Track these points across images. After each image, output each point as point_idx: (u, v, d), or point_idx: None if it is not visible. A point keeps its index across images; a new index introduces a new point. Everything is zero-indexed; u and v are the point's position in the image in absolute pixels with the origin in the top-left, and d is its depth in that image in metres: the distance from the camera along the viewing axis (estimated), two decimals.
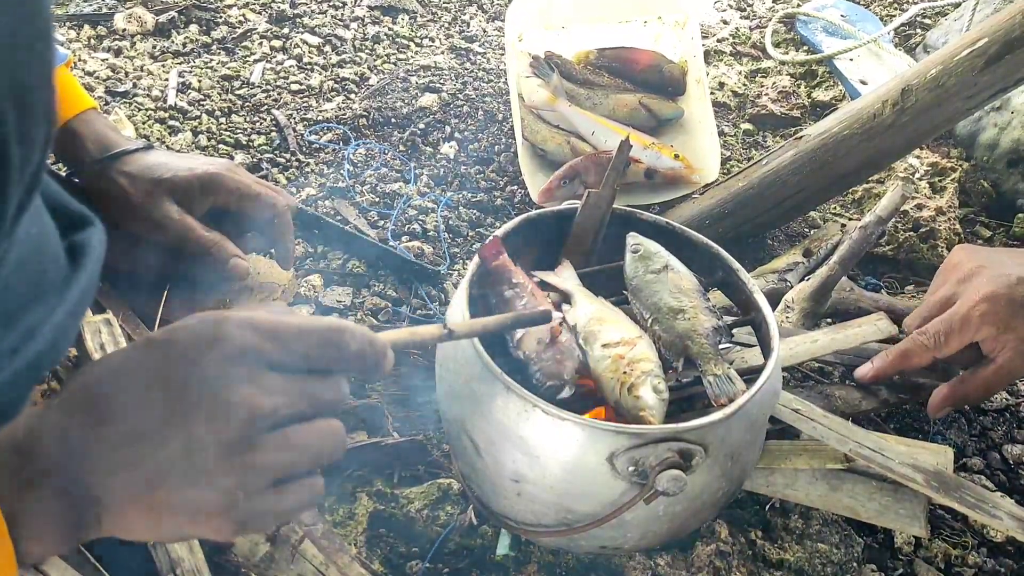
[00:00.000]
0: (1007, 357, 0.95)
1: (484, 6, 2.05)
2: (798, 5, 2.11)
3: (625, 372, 0.79)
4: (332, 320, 0.58)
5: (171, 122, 1.50)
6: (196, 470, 0.51)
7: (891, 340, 1.11)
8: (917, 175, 1.56)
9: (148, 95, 1.55)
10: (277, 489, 0.54)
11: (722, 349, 0.86)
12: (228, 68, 1.68)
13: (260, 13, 1.87)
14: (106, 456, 0.51)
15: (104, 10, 1.77)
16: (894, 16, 2.08)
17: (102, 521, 0.52)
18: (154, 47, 1.71)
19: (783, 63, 1.92)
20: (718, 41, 1.99)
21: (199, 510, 0.52)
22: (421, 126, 1.58)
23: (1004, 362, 0.96)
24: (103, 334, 0.93)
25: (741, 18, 2.10)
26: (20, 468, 0.51)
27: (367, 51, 1.81)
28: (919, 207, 1.47)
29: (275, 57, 1.74)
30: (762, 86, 1.84)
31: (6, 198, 0.47)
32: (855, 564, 0.93)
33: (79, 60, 1.63)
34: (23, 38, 0.46)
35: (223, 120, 1.54)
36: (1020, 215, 1.51)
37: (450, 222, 1.40)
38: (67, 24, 1.73)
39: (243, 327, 0.53)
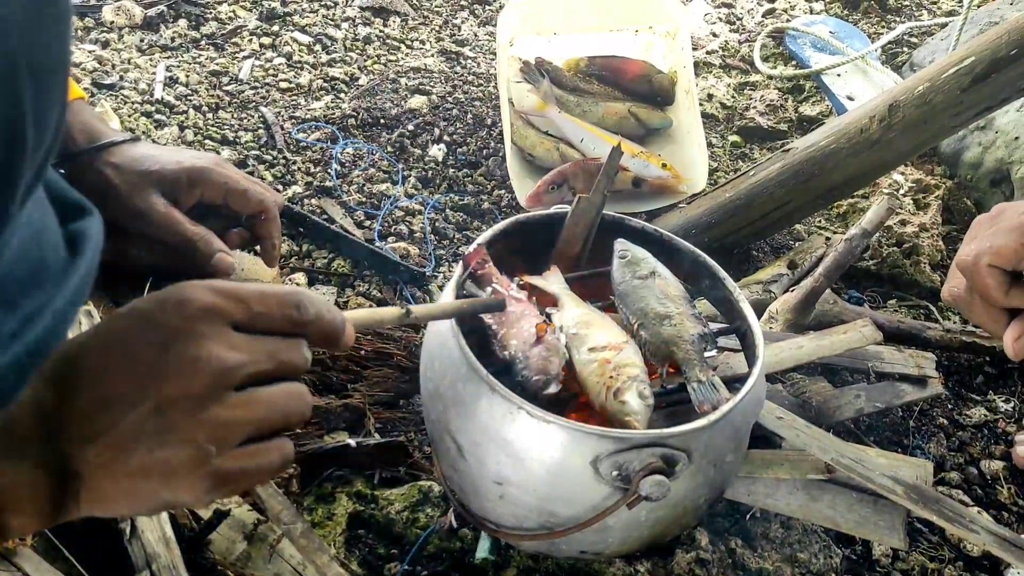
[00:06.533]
0: None
1: (476, 11, 2.05)
2: (787, 20, 2.13)
3: (611, 376, 0.79)
4: (292, 287, 0.60)
5: (157, 116, 1.49)
6: (167, 428, 0.52)
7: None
8: (901, 191, 1.58)
9: (135, 88, 1.54)
10: (248, 449, 0.55)
11: (707, 356, 0.86)
12: (216, 64, 1.67)
13: (251, 10, 1.86)
14: (80, 425, 0.52)
15: (92, 2, 1.75)
16: (882, 34, 2.10)
17: (81, 497, 0.53)
18: (142, 40, 1.70)
19: (771, 77, 1.93)
20: (708, 53, 2.00)
21: (172, 470, 0.52)
22: (410, 128, 1.57)
23: None
24: (83, 325, 0.91)
25: (731, 31, 2.12)
26: (2, 443, 0.51)
27: (357, 51, 1.81)
28: (903, 223, 1.49)
29: (264, 54, 1.73)
30: (750, 99, 1.85)
31: (18, 180, 0.46)
32: (834, 574, 0.93)
33: None
34: (44, 19, 0.45)
35: (210, 115, 1.53)
36: None
37: (437, 224, 1.40)
38: None
39: (205, 289, 0.55)
